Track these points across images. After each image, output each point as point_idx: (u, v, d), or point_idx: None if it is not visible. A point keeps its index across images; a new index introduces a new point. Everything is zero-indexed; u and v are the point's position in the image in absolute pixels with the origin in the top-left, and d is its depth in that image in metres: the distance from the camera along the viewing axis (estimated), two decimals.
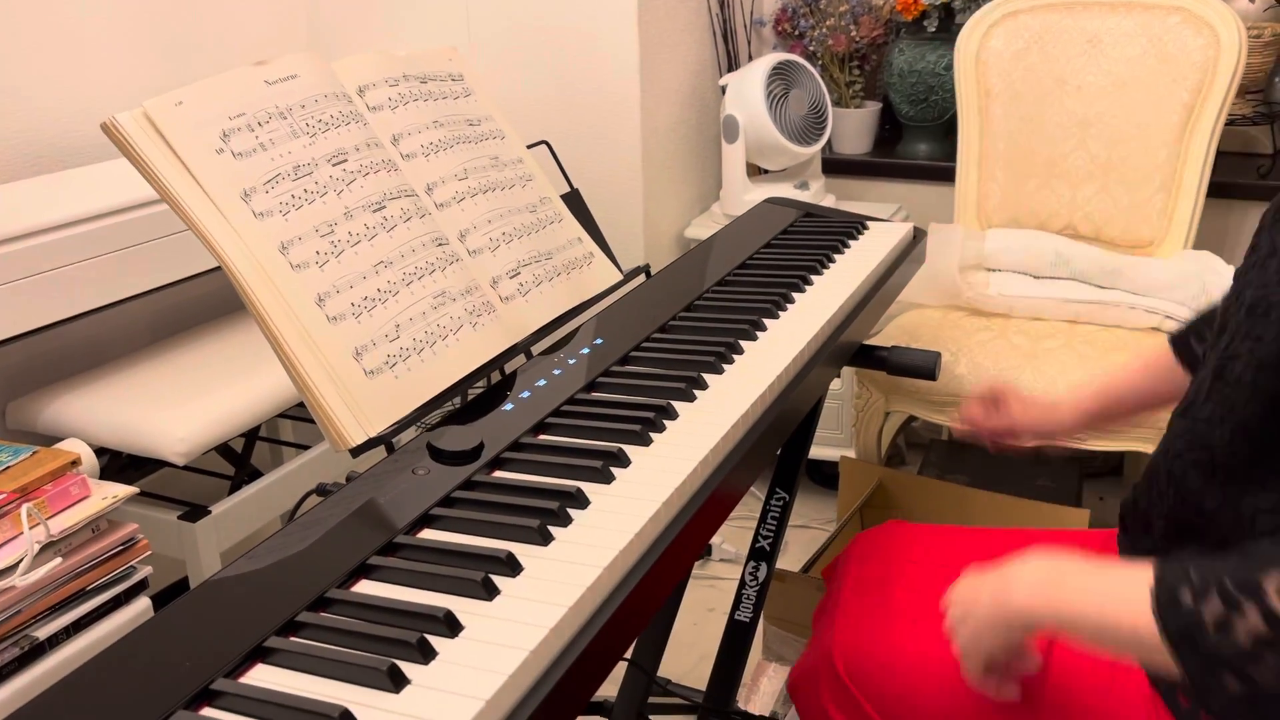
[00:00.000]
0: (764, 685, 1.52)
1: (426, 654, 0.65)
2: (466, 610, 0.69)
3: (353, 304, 0.92)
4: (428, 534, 0.79)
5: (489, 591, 0.71)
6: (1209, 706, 0.71)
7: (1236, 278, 0.90)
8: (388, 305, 0.95)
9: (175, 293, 1.74)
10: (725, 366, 1.04)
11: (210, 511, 1.48)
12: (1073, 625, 0.77)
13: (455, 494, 0.83)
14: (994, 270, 1.92)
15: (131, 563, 1.20)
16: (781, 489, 1.29)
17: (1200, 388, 0.88)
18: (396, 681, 0.62)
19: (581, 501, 0.81)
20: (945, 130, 2.41)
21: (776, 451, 1.22)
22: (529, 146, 1.27)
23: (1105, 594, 0.74)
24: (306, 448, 1.66)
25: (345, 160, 0.99)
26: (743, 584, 1.25)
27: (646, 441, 0.91)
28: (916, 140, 2.44)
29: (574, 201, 1.30)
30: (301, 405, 1.76)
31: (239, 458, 1.74)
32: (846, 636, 1.02)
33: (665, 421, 0.94)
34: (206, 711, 0.62)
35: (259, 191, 0.91)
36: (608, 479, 0.85)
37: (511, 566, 0.73)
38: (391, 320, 0.95)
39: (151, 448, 1.46)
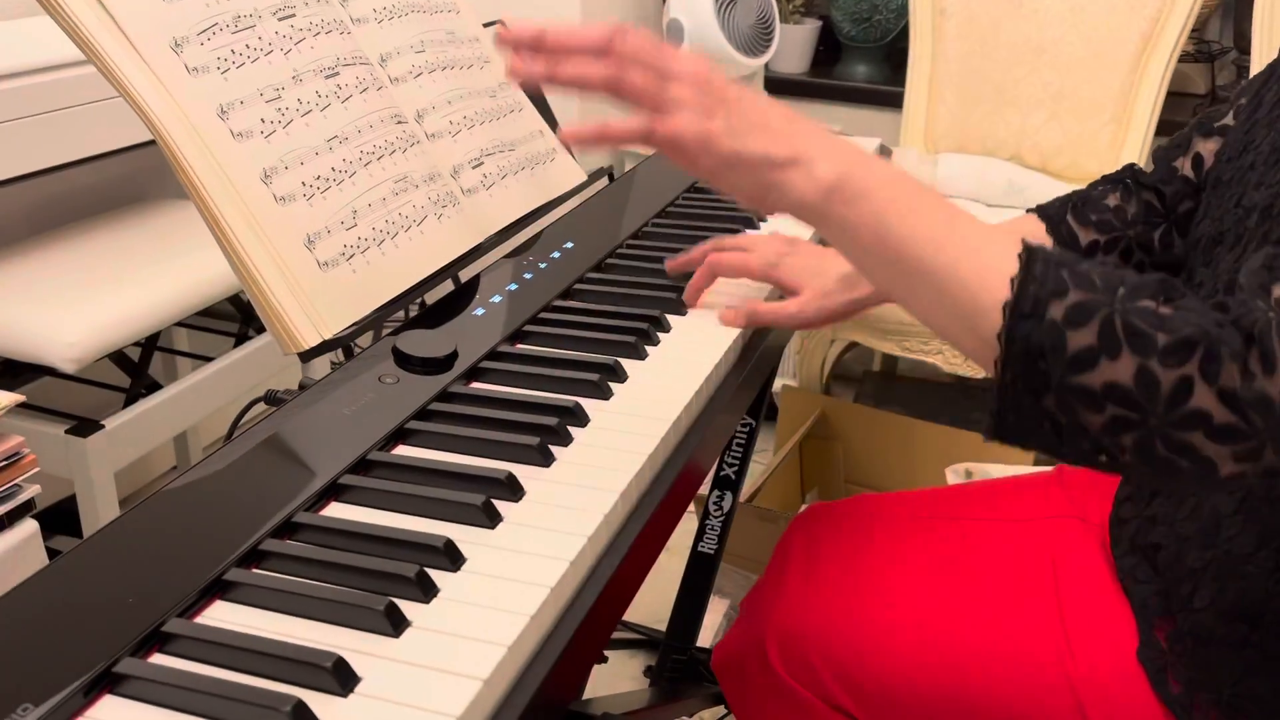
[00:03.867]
0: (707, 619, 1.46)
1: (427, 590, 0.54)
2: (467, 539, 0.58)
3: (304, 183, 0.79)
4: (404, 450, 0.68)
5: (491, 518, 0.60)
6: (1004, 426, 0.58)
7: (1213, 185, 0.80)
8: (343, 188, 0.82)
9: (61, 179, 1.53)
10: None
11: (103, 426, 1.32)
12: (880, 239, 0.62)
13: (432, 406, 0.72)
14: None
15: (16, 480, 1.04)
16: (748, 414, 1.21)
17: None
18: (396, 623, 0.52)
19: (581, 419, 0.71)
20: (885, 53, 2.33)
21: (777, 363, 1.13)
22: (485, 26, 1.14)
23: (951, 233, 0.61)
24: (208, 359, 1.50)
25: (293, 15, 0.84)
26: (706, 514, 1.17)
27: (642, 355, 0.81)
28: (856, 62, 2.35)
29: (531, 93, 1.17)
30: (202, 314, 1.60)
31: (135, 368, 1.57)
32: (790, 620, 0.88)
33: (659, 334, 0.84)
34: (157, 658, 0.50)
35: (192, 42, 0.76)
36: (606, 394, 0.75)
37: (513, 489, 0.63)
38: (348, 205, 0.82)
39: (36, 353, 1.28)
